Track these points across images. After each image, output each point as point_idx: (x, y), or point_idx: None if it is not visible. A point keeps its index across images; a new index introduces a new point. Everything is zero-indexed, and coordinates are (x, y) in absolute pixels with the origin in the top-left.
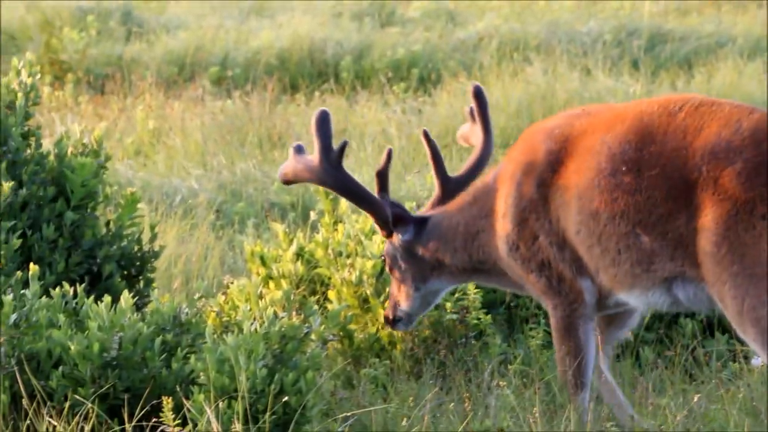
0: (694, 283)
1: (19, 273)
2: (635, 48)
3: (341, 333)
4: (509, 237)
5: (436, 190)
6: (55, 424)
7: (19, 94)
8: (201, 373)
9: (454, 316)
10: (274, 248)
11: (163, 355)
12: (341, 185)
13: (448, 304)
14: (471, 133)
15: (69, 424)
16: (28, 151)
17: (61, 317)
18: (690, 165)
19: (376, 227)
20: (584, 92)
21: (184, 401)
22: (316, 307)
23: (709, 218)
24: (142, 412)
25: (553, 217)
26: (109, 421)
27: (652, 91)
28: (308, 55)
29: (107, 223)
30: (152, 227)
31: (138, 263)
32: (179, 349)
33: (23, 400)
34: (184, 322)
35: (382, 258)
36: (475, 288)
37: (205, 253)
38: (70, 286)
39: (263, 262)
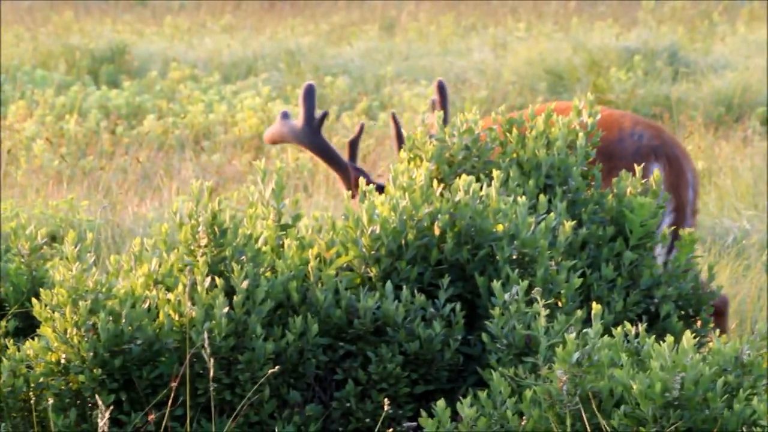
0: None
1: (579, 312)
2: None
3: None
4: None
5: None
6: None
7: (580, 134)
8: (764, 416)
9: None
10: None
11: (725, 396)
12: (317, 146)
13: None
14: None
15: None
16: (588, 191)
17: (623, 356)
18: None
19: (344, 189)
20: None
21: None
22: None
23: None
24: None
25: None
26: None
27: None
28: None
29: (665, 263)
30: (710, 268)
31: (695, 303)
32: (741, 391)
33: None
34: (746, 363)
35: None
36: None
37: (758, 294)
38: (632, 325)
39: None
